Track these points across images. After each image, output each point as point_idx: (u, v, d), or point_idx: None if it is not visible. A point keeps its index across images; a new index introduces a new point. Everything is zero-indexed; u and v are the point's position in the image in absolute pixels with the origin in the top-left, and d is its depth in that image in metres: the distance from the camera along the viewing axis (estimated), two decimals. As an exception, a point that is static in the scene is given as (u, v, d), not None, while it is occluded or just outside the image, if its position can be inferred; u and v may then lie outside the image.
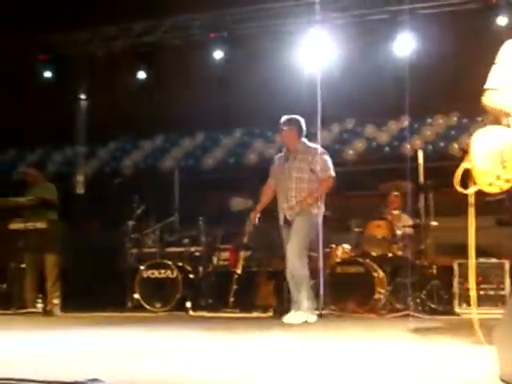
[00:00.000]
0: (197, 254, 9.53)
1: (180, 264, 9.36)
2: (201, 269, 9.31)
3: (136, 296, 9.26)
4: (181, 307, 8.93)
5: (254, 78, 12.30)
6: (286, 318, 7.02)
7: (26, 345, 4.70)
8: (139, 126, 13.60)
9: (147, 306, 9.12)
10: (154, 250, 9.82)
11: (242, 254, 8.99)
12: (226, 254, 9.42)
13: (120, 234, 9.92)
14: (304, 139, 7.44)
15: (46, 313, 8.55)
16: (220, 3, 12.39)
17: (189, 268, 9.40)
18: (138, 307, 9.23)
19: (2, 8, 13.36)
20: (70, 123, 13.20)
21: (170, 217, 9.96)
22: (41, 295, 8.91)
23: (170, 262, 9.26)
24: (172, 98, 12.74)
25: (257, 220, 7.63)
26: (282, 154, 7.60)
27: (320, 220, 7.30)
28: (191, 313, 8.63)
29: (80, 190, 12.77)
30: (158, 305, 9.10)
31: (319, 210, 7.30)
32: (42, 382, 2.86)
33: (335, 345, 4.77)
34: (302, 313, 7.06)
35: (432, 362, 3.71)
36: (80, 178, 12.93)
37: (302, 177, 7.24)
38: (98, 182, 13.15)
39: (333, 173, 7.31)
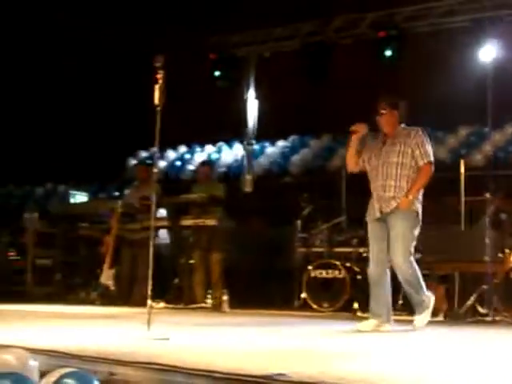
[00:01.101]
0: (365, 254, 9.45)
1: (348, 264, 9.32)
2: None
3: (303, 295, 9.31)
4: (348, 308, 8.90)
5: (425, 77, 12.08)
6: (417, 322, 6.40)
7: (212, 338, 4.83)
8: (307, 125, 13.74)
9: (314, 306, 9.14)
10: (321, 249, 9.83)
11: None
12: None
13: (287, 232, 10.02)
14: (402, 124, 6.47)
15: (215, 308, 8.75)
16: (389, 1, 12.28)
17: (357, 269, 9.33)
18: (304, 306, 9.28)
19: (176, 9, 13.93)
20: (239, 122, 13.47)
21: (338, 217, 9.93)
22: (210, 291, 9.13)
23: (337, 263, 9.23)
24: (339, 97, 12.73)
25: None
26: (376, 137, 6.55)
27: (420, 214, 6.29)
28: (359, 314, 8.57)
29: (248, 189, 12.98)
30: (326, 305, 9.09)
31: (419, 205, 6.30)
32: (232, 374, 2.93)
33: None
34: (427, 311, 6.46)
35: None
36: (248, 177, 13.14)
37: (404, 162, 6.24)
38: (265, 180, 13.36)
39: (432, 158, 6.30)
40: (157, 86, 4.79)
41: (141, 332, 4.38)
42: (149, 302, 4.53)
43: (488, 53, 10.53)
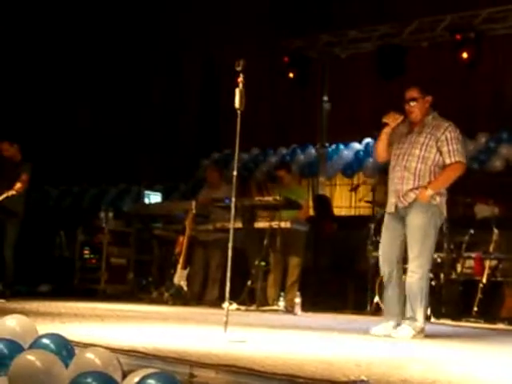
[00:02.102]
0: (439, 260, 9.32)
1: (421, 269, 9.20)
2: (443, 276, 9.08)
3: (376, 300, 9.23)
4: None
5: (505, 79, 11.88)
6: (396, 333, 5.59)
7: (288, 342, 4.83)
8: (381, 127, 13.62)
9: (387, 310, 9.05)
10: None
11: (488, 262, 8.70)
12: (470, 262, 9.12)
13: (361, 236, 9.94)
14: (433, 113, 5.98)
15: (288, 311, 8.74)
16: (466, 4, 12.09)
17: (430, 274, 9.18)
18: (377, 311, 9.18)
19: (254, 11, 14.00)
20: (314, 124, 13.45)
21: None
22: (282, 293, 9.13)
23: (410, 267, 9.12)
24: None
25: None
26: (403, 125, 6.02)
27: (444, 212, 5.79)
28: (432, 320, 8.45)
29: (321, 191, 12.95)
30: (398, 310, 9.00)
31: (442, 198, 5.74)
32: (314, 380, 2.91)
33: None
34: (415, 325, 5.59)
35: None
36: (322, 179, 13.12)
37: (428, 156, 5.71)
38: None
39: (464, 159, 5.77)
40: (237, 90, 4.81)
41: (218, 334, 4.40)
42: (226, 303, 4.54)
43: None
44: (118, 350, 3.38)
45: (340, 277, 10.24)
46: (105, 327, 5.02)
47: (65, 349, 3.23)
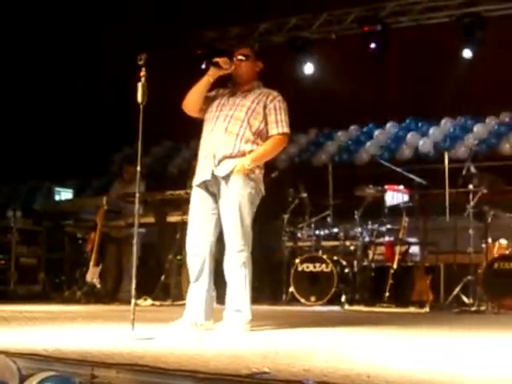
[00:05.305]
0: (352, 248, 9.48)
1: (335, 258, 9.34)
2: (356, 263, 9.24)
3: (291, 289, 9.31)
4: (335, 301, 8.92)
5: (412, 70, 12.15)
6: (222, 325, 5.02)
7: (196, 337, 4.79)
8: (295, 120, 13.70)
9: (302, 300, 9.16)
10: (308, 243, 9.84)
11: (398, 248, 8.89)
12: (381, 249, 9.31)
13: (275, 227, 10.00)
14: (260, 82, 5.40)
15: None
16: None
17: (344, 262, 9.36)
18: (292, 300, 9.28)
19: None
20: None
21: (324, 211, 9.93)
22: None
23: (324, 256, 9.26)
24: (327, 92, 12.73)
25: None
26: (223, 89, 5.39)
27: (262, 189, 5.18)
28: (346, 307, 8.58)
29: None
30: (313, 298, 9.13)
31: (260, 172, 5.15)
32: (215, 374, 2.89)
33: (497, 341, 4.57)
34: (241, 317, 5.04)
35: None
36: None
37: (253, 123, 5.11)
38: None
39: (288, 129, 5.20)
40: (139, 84, 4.74)
41: (124, 332, 4.33)
42: (133, 300, 4.47)
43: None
44: (16, 354, 3.27)
45: (255, 268, 10.25)
46: (9, 330, 4.88)
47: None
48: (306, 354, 3.65)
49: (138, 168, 4.73)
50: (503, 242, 8.60)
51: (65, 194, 11.97)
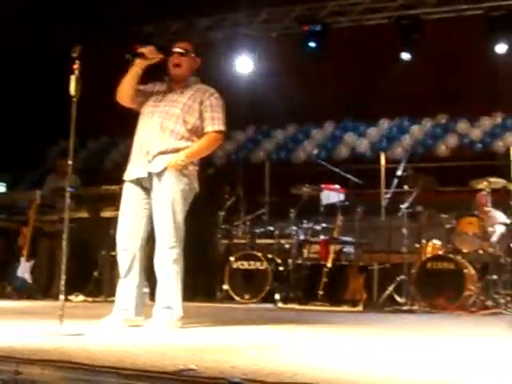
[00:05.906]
0: (287, 246, 9.52)
1: (270, 256, 9.37)
2: (290, 261, 9.28)
3: (225, 287, 9.31)
4: (270, 299, 8.95)
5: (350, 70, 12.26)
6: (151, 322, 4.94)
7: (126, 333, 4.74)
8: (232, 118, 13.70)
9: (236, 297, 9.17)
10: (243, 241, 9.85)
11: (333, 247, 8.96)
12: (316, 247, 9.37)
13: (210, 224, 9.98)
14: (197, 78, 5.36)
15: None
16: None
17: (278, 260, 9.40)
18: (227, 298, 9.28)
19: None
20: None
21: (260, 209, 9.96)
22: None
23: (259, 254, 9.28)
24: (266, 90, 12.76)
25: None
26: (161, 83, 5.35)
27: (196, 183, 5.14)
28: (280, 305, 8.62)
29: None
30: (247, 296, 9.14)
31: (194, 169, 5.12)
32: (141, 371, 2.87)
33: (428, 341, 4.64)
34: (172, 314, 4.98)
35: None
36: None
37: (188, 119, 5.09)
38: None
39: (224, 127, 5.18)
40: (72, 77, 4.67)
41: (53, 328, 4.26)
42: (61, 296, 4.40)
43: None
44: None
45: (189, 265, 10.21)
46: None
47: None
48: (234, 352, 3.65)
49: (70, 162, 4.66)
50: (437, 242, 8.77)
51: (-2, 188, 11.71)
